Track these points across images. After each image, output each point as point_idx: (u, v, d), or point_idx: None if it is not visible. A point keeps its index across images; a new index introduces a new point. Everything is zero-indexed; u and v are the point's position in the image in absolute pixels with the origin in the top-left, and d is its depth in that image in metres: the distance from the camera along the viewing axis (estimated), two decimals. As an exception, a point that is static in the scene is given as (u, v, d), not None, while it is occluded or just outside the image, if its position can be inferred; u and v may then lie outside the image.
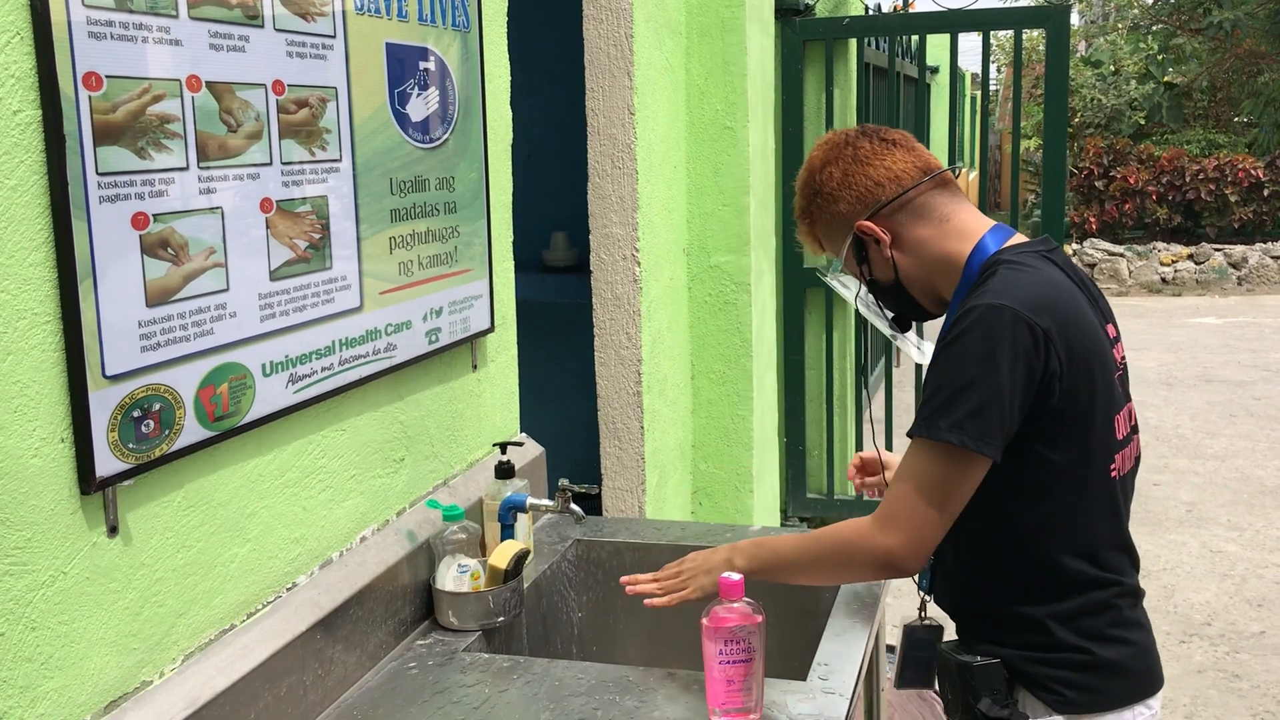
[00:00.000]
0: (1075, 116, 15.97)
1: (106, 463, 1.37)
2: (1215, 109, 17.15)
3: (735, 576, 1.66)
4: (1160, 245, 13.84)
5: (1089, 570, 1.66)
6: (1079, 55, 17.36)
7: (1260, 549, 5.28)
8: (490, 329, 2.30)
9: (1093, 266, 13.50)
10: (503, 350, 2.43)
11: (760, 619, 1.64)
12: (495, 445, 2.32)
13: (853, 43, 4.98)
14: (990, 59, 4.85)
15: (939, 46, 7.36)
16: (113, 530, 1.41)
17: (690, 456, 3.78)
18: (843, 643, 1.94)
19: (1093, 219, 14.91)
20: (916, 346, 2.05)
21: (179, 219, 1.46)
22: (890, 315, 1.88)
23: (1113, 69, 16.86)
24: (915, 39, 6.26)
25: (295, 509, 1.75)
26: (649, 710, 1.71)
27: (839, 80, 4.88)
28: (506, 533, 2.15)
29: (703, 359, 3.75)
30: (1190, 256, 13.50)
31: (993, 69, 19.27)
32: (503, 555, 2.03)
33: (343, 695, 1.79)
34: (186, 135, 1.46)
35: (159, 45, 1.42)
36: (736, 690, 1.64)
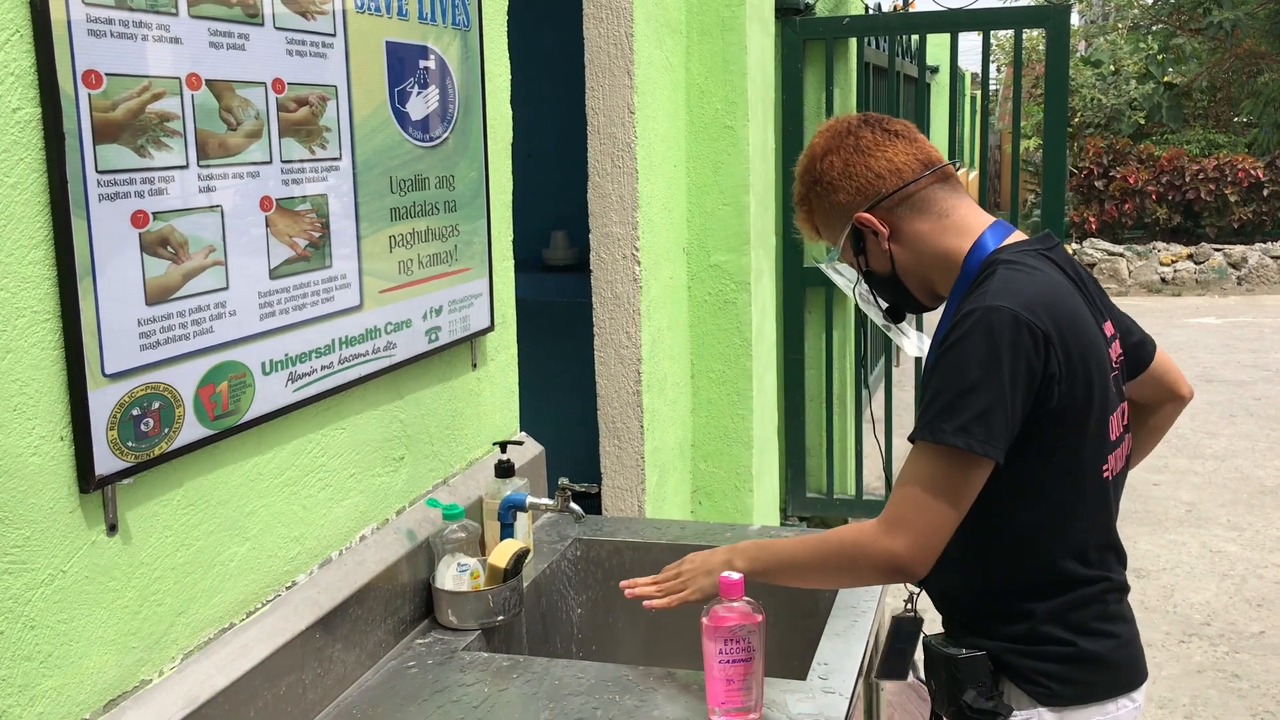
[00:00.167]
0: (1075, 116, 15.97)
1: (106, 461, 1.37)
2: (1215, 109, 17.14)
3: (735, 576, 1.66)
4: (1160, 245, 13.84)
5: (1079, 569, 1.66)
6: (1079, 55, 17.36)
7: (1260, 549, 5.28)
8: (490, 328, 2.30)
9: (1092, 266, 13.49)
10: (502, 349, 2.43)
11: (760, 618, 1.64)
12: (495, 444, 2.32)
13: (853, 42, 4.98)
14: (990, 59, 4.85)
15: (939, 46, 7.35)
16: (112, 529, 1.41)
17: (690, 456, 3.78)
18: (843, 642, 1.94)
19: (1092, 219, 14.91)
20: (909, 338, 2.05)
21: (179, 217, 1.46)
22: (884, 306, 1.87)
23: (1113, 69, 16.86)
24: (915, 38, 6.27)
25: (295, 507, 1.75)
26: (649, 709, 1.71)
27: (839, 79, 4.88)
28: (506, 532, 2.15)
29: (702, 358, 3.75)
30: (1190, 256, 13.49)
31: (993, 69, 19.26)
32: (502, 554, 2.03)
33: (342, 694, 1.79)
34: (186, 133, 1.46)
35: (159, 43, 1.41)
36: (736, 689, 1.64)
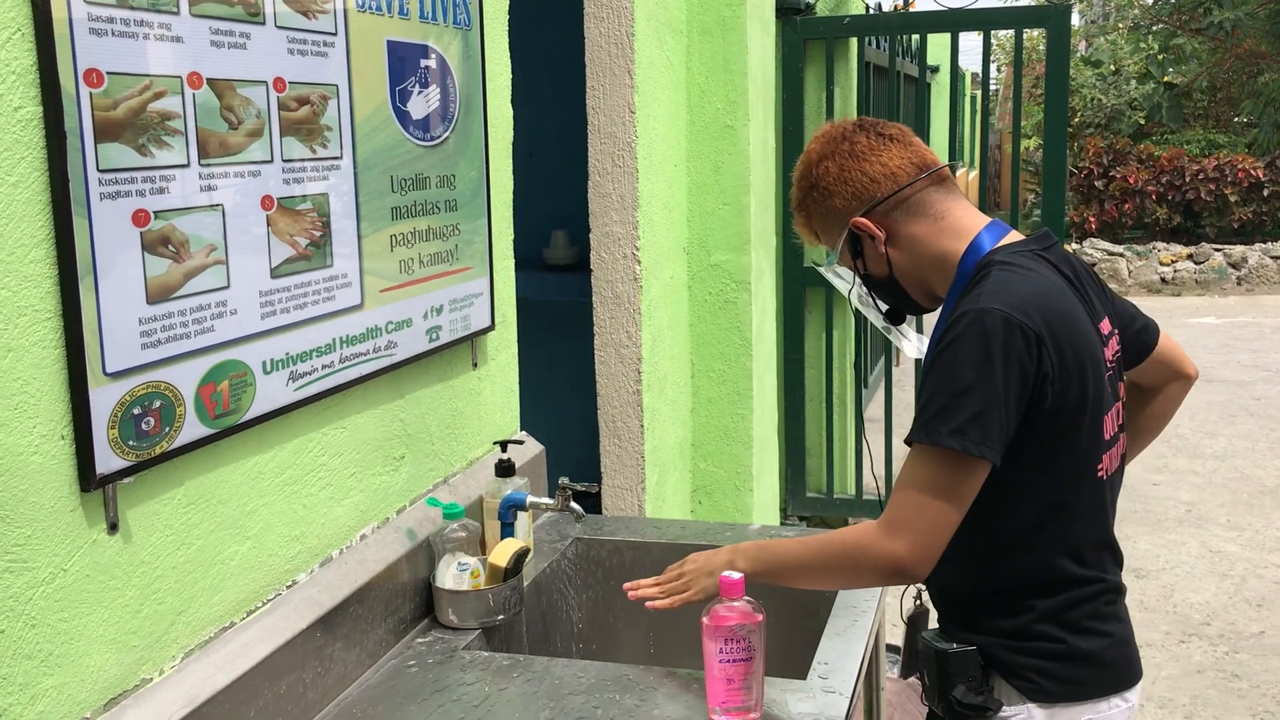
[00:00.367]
0: (1075, 116, 15.97)
1: (106, 460, 1.37)
2: (1215, 109, 17.15)
3: (735, 575, 1.66)
4: (1160, 245, 13.84)
5: (1074, 569, 1.66)
6: (1079, 55, 17.35)
7: (1260, 549, 5.28)
8: (490, 327, 2.30)
9: (1093, 266, 13.39)
10: (503, 348, 2.43)
11: (760, 618, 1.64)
12: (495, 443, 2.32)
13: (853, 42, 4.98)
14: (990, 58, 4.85)
15: (939, 46, 7.34)
16: (113, 527, 1.41)
17: (690, 455, 3.78)
18: (843, 642, 1.94)
19: (1092, 219, 14.91)
20: (909, 339, 2.05)
21: (180, 216, 1.46)
22: (883, 309, 1.88)
23: (1113, 69, 16.86)
24: (916, 38, 6.27)
25: (295, 506, 1.75)
26: (649, 709, 1.71)
27: (839, 79, 4.88)
28: (506, 531, 2.15)
29: (703, 358, 3.75)
30: (1190, 256, 13.49)
31: (993, 68, 19.25)
32: (503, 553, 2.03)
33: (343, 693, 1.79)
34: (187, 132, 1.46)
35: (160, 42, 1.41)
36: (737, 689, 1.64)
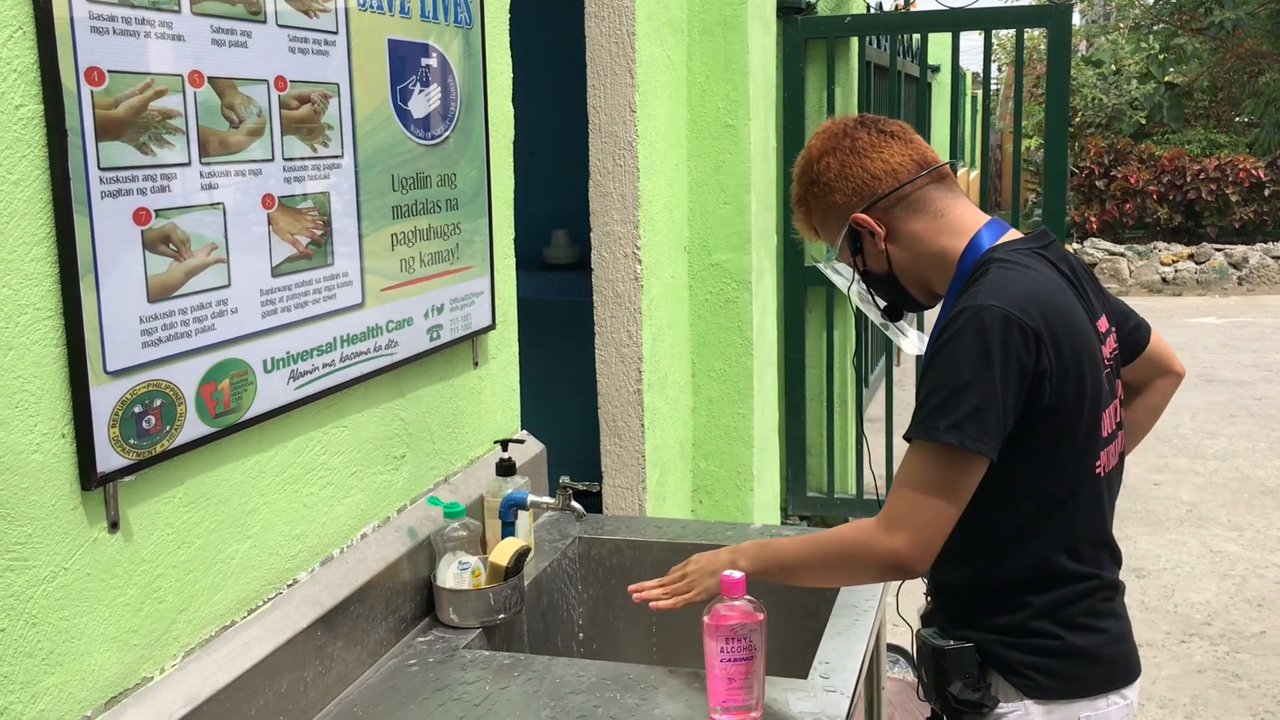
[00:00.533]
0: (1076, 116, 15.96)
1: (107, 458, 1.37)
2: (1216, 109, 17.14)
3: (736, 574, 1.66)
4: (1161, 245, 13.83)
5: (1071, 565, 1.67)
6: (1080, 55, 17.34)
7: (1260, 549, 5.28)
8: (491, 326, 2.30)
9: (1093, 266, 13.49)
10: (504, 347, 2.43)
11: (761, 617, 1.64)
12: (496, 442, 2.32)
13: (854, 41, 4.98)
14: (992, 58, 4.84)
15: (940, 45, 7.35)
16: (113, 526, 1.41)
17: (691, 454, 3.78)
18: (844, 641, 1.94)
19: (1093, 218, 14.91)
20: (908, 337, 2.05)
21: (181, 214, 1.46)
22: (882, 305, 1.88)
23: (1114, 68, 16.85)
24: (917, 38, 6.27)
25: (296, 505, 1.75)
26: (650, 708, 1.71)
27: (840, 79, 4.88)
28: (507, 530, 2.15)
29: (703, 357, 3.75)
30: (1191, 256, 13.49)
31: (994, 68, 19.26)
32: (503, 552, 2.03)
33: (343, 692, 1.79)
34: (188, 131, 1.46)
35: (161, 40, 1.41)
36: (737, 688, 1.64)
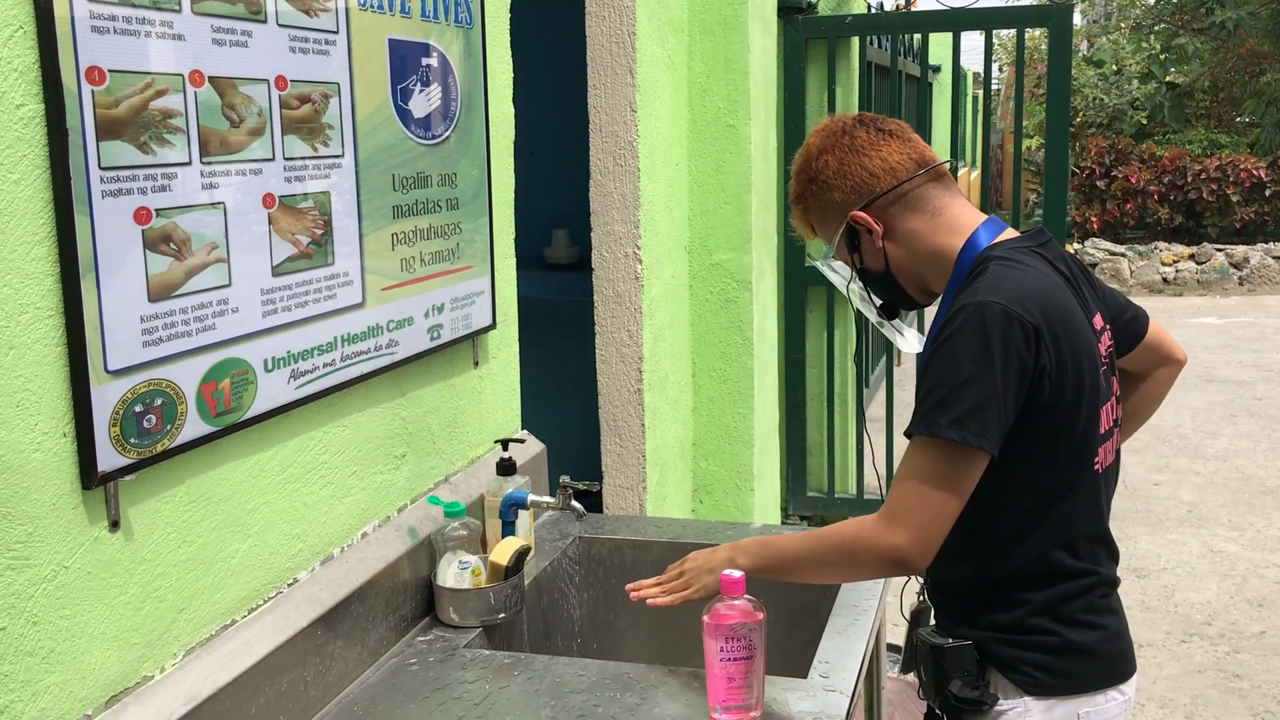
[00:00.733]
0: (1077, 116, 15.96)
1: (108, 458, 1.37)
2: (1217, 109, 17.13)
3: (736, 574, 1.66)
4: (1162, 245, 13.83)
5: (1068, 561, 1.67)
6: (1081, 55, 17.33)
7: (1261, 549, 5.28)
8: (492, 326, 2.30)
9: (1094, 266, 13.48)
10: (504, 347, 2.43)
11: (761, 616, 1.64)
12: (496, 442, 2.32)
13: (855, 41, 4.98)
14: (992, 58, 4.84)
15: (941, 45, 7.34)
16: (114, 525, 1.41)
17: (691, 454, 3.78)
18: (844, 640, 1.94)
19: (1094, 219, 14.90)
20: (904, 335, 2.05)
21: (181, 214, 1.46)
22: (878, 303, 1.89)
23: (1115, 68, 16.84)
24: (917, 37, 6.27)
25: (297, 505, 1.75)
26: (649, 707, 1.71)
27: (841, 78, 4.88)
28: (507, 529, 2.15)
29: (704, 357, 3.75)
30: (1192, 256, 13.49)
31: (995, 68, 19.23)
32: (504, 552, 2.03)
33: (344, 691, 1.79)
34: (189, 130, 1.46)
35: (162, 40, 1.41)
36: (737, 687, 1.64)
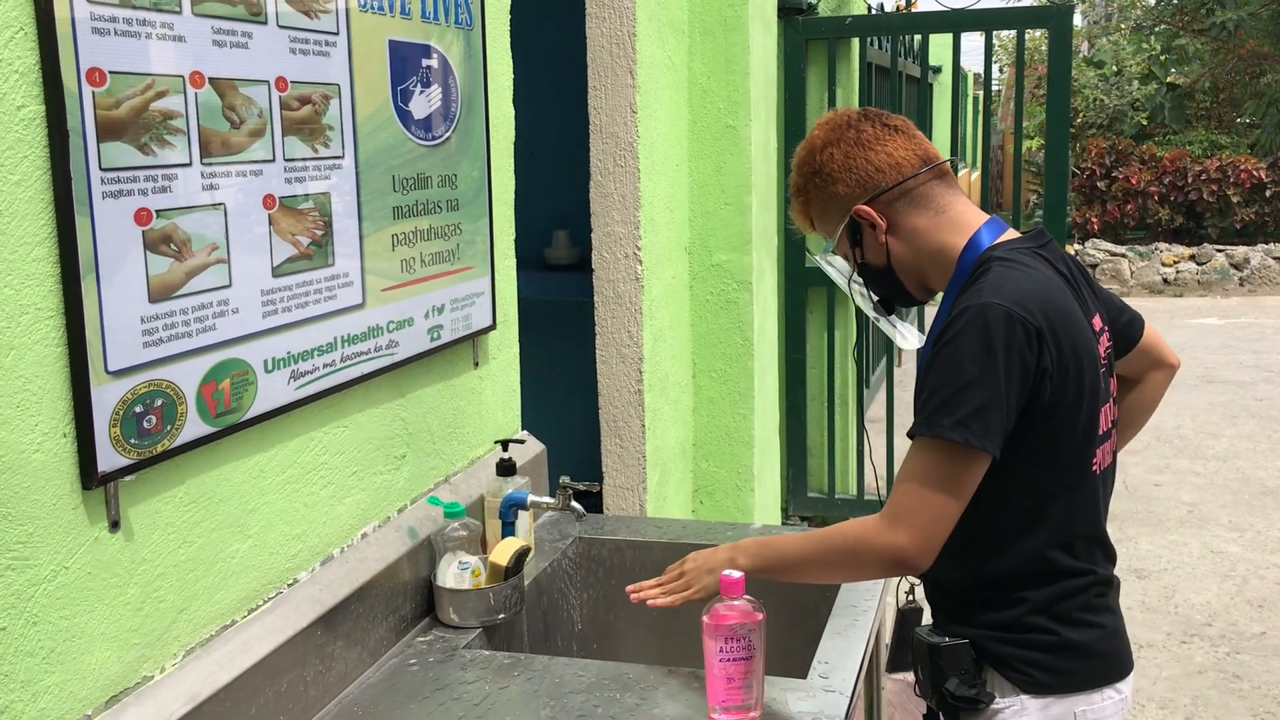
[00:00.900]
0: (1078, 117, 15.95)
1: (108, 458, 1.37)
2: (1218, 110, 17.13)
3: (735, 574, 1.66)
4: (1162, 246, 13.83)
5: (1066, 560, 1.68)
6: (1081, 56, 17.33)
7: (1261, 550, 5.28)
8: (492, 326, 2.30)
9: (1095, 267, 13.48)
10: (504, 348, 2.43)
11: (761, 617, 1.64)
12: (496, 442, 2.32)
13: (855, 42, 4.98)
14: (993, 59, 4.84)
15: (941, 46, 7.35)
16: (114, 525, 1.41)
17: (691, 455, 3.78)
18: (843, 640, 1.94)
19: (1095, 219, 14.90)
20: (899, 330, 2.05)
21: (182, 215, 1.46)
22: (875, 299, 1.89)
23: (1115, 69, 16.84)
24: (918, 38, 6.27)
25: (297, 505, 1.75)
26: (649, 708, 1.71)
27: (841, 79, 4.88)
28: (507, 530, 2.15)
29: (704, 357, 3.75)
30: (1192, 257, 13.49)
31: (995, 69, 19.23)
32: (504, 552, 2.03)
33: (343, 691, 1.80)
34: (190, 131, 1.47)
35: (162, 41, 1.42)
36: (737, 688, 1.64)
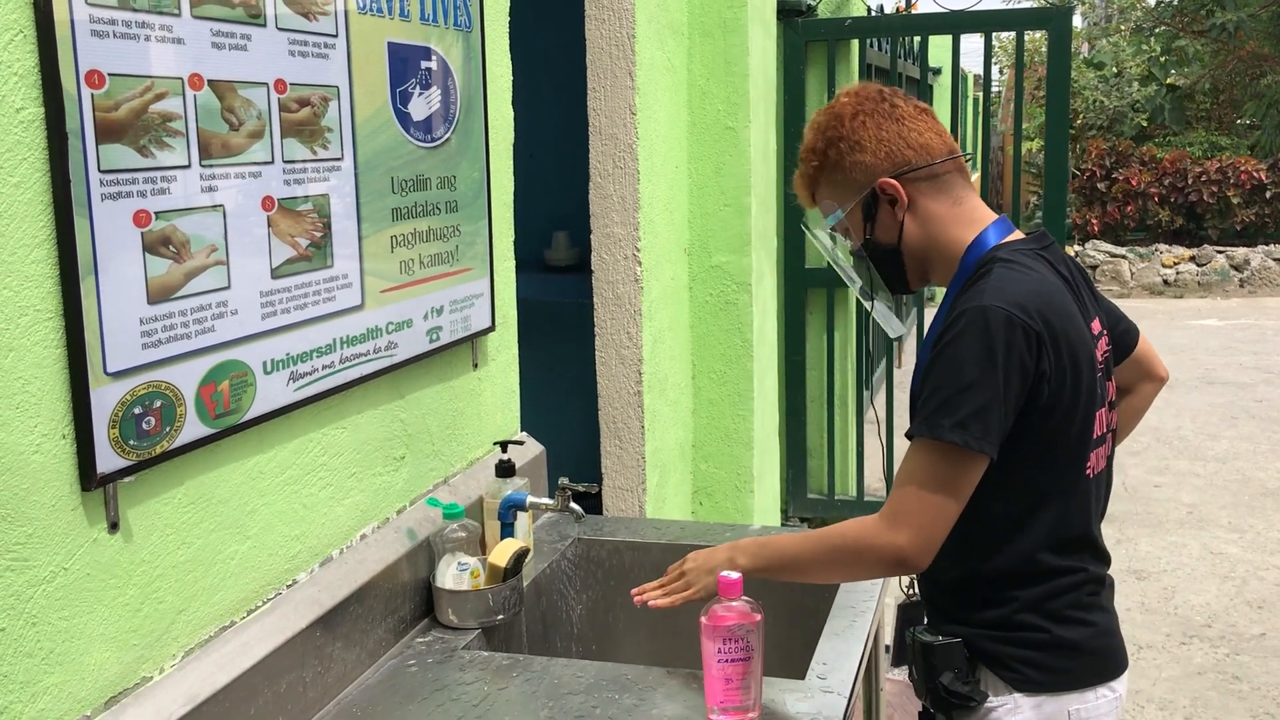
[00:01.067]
0: (1077, 118, 15.95)
1: (107, 459, 1.38)
2: (1218, 111, 17.13)
3: (734, 575, 1.66)
4: (1162, 247, 13.83)
5: (1055, 560, 1.68)
6: (1081, 57, 17.34)
7: (1261, 551, 5.28)
8: (491, 328, 2.30)
9: (1095, 268, 13.49)
10: (503, 349, 2.44)
11: (759, 617, 1.65)
12: (496, 444, 2.32)
13: (855, 44, 4.98)
14: (992, 60, 4.85)
15: (941, 48, 7.33)
16: (113, 526, 1.41)
17: (691, 456, 3.79)
18: (841, 641, 1.94)
19: (1095, 221, 14.90)
20: (885, 318, 2.05)
21: (181, 217, 1.46)
22: (860, 283, 1.88)
23: (1115, 71, 16.84)
24: (917, 40, 6.27)
25: (296, 506, 1.75)
26: (647, 708, 1.71)
27: (841, 81, 4.88)
28: (506, 531, 2.16)
29: (704, 359, 3.75)
30: (1192, 258, 13.49)
31: (995, 70, 19.25)
32: (503, 553, 2.03)
33: (342, 692, 1.80)
34: (189, 133, 1.47)
35: (161, 43, 1.42)
36: (735, 688, 1.64)
